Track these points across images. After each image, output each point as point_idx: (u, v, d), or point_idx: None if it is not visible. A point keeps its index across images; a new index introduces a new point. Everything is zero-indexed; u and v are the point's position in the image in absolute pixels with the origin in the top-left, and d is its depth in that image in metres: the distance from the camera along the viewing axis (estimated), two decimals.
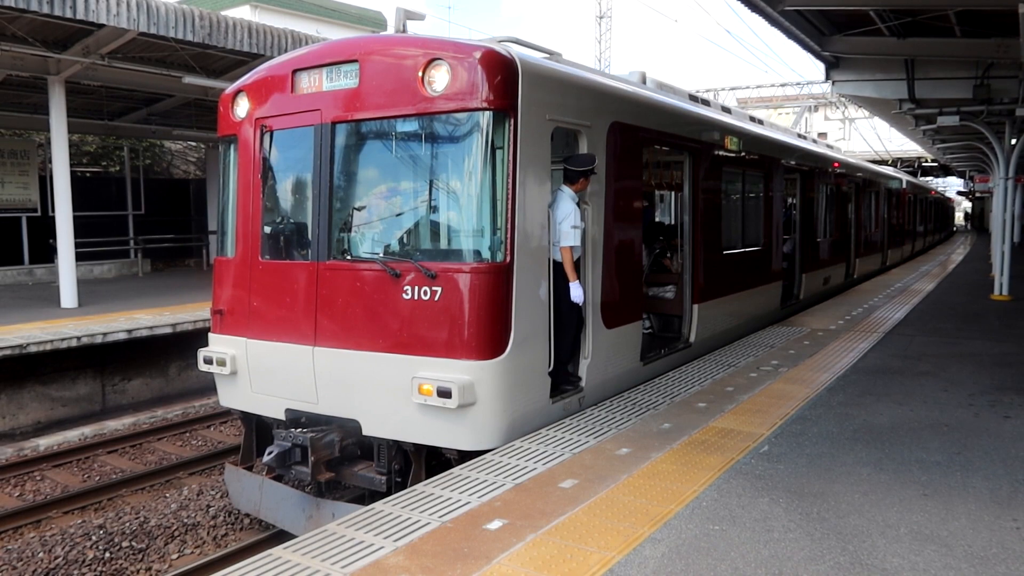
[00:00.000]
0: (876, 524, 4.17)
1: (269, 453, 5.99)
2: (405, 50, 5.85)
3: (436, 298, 5.52)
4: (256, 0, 36.03)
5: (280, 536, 6.53)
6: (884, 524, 4.17)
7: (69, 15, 10.66)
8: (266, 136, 6.50)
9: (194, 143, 25.93)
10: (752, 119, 12.07)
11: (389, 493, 5.57)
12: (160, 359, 12.57)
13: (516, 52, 5.80)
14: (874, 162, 30.94)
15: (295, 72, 6.36)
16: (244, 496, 6.81)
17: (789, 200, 13.67)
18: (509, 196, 5.54)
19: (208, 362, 6.80)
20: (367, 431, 5.93)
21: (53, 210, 14.09)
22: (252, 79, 6.81)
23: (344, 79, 6.07)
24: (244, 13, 31.18)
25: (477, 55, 5.52)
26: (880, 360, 8.51)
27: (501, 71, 5.55)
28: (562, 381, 6.40)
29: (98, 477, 9.07)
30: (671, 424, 6.01)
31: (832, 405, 6.62)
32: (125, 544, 7.09)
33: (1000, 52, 12.06)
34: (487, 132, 5.55)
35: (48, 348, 10.47)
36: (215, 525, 7.51)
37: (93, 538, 7.14)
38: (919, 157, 45.80)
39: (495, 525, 4.17)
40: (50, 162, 14.65)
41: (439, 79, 5.58)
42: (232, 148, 6.92)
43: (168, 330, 11.89)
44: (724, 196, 9.60)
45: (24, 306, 13.76)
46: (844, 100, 31.10)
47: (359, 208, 6.17)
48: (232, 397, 6.86)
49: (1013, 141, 16.02)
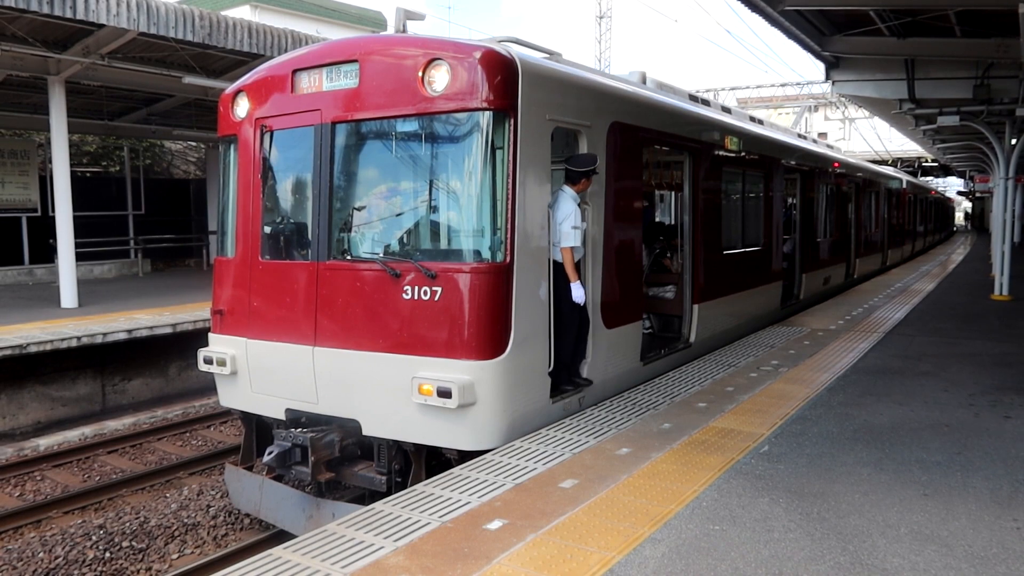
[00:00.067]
0: (876, 524, 4.17)
1: (269, 453, 5.99)
2: (405, 50, 5.85)
3: (436, 298, 5.52)
4: (256, 0, 36.03)
5: (280, 536, 6.53)
6: (884, 524, 4.17)
7: (69, 15, 10.66)
8: (266, 136, 6.50)
9: (194, 143, 25.94)
10: (752, 119, 12.07)
11: (389, 493, 5.57)
12: (160, 359, 12.57)
13: (516, 52, 5.80)
14: (874, 162, 30.93)
15: (295, 72, 6.37)
16: (244, 496, 6.81)
17: (789, 200, 13.67)
18: (509, 196, 5.54)
19: (208, 362, 6.81)
20: (367, 431, 5.93)
21: (53, 210, 14.09)
22: (252, 79, 6.81)
23: (344, 79, 6.07)
24: (244, 13, 31.18)
25: (477, 55, 5.52)
26: (880, 360, 8.51)
27: (501, 71, 5.55)
28: (568, 382, 6.40)
29: (98, 477, 9.07)
30: (671, 424, 6.01)
31: (832, 405, 6.62)
32: (125, 544, 7.09)
33: (1000, 52, 12.06)
34: (487, 132, 5.55)
35: (48, 348, 10.47)
36: (215, 525, 7.51)
37: (93, 538, 7.14)
38: (919, 157, 45.80)
39: (495, 525, 4.17)
40: (50, 162, 14.65)
41: (439, 79, 5.58)
42: (232, 148, 6.92)
43: (168, 330, 11.90)
44: (724, 196, 9.60)
45: (24, 306, 13.76)
46: (844, 100, 31.09)
47: (359, 208, 6.17)
48: (232, 397, 6.87)
49: (1013, 141, 16.02)
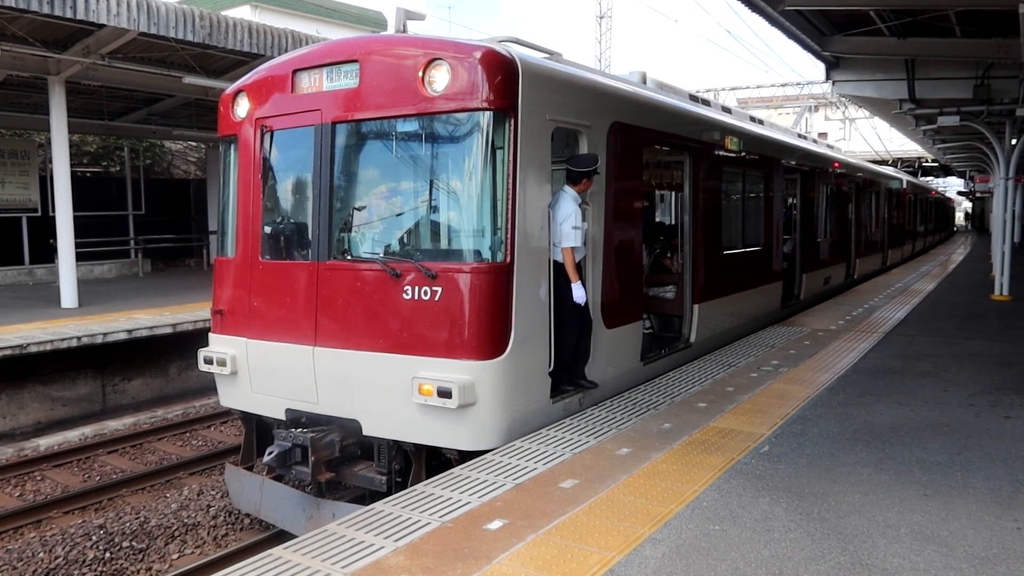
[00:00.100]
0: (877, 524, 4.17)
1: (269, 453, 5.99)
2: (405, 50, 5.85)
3: (436, 298, 5.52)
4: (256, 0, 36.03)
5: (280, 536, 6.52)
6: (885, 524, 4.17)
7: (69, 15, 10.66)
8: (266, 136, 6.50)
9: (194, 143, 25.94)
10: (752, 119, 12.06)
11: (389, 493, 5.56)
12: (160, 359, 12.58)
13: (516, 52, 5.80)
14: (874, 162, 30.92)
15: (295, 72, 6.36)
16: (244, 496, 6.81)
17: (789, 200, 13.67)
18: (509, 196, 5.54)
19: (208, 362, 6.81)
20: (367, 431, 5.93)
21: (53, 210, 14.09)
22: (252, 79, 6.80)
23: (344, 79, 6.07)
24: (244, 13, 31.18)
25: (477, 55, 5.51)
26: (880, 360, 8.51)
27: (501, 71, 5.54)
28: (568, 382, 6.39)
29: (98, 477, 9.07)
30: (671, 424, 6.01)
31: (832, 405, 6.61)
32: (125, 544, 7.09)
33: (1000, 52, 12.06)
34: (487, 132, 5.55)
35: (48, 348, 10.47)
36: (215, 525, 7.50)
37: (93, 538, 7.14)
38: (919, 157, 45.78)
39: (495, 525, 4.17)
40: (50, 162, 14.65)
41: (439, 79, 5.58)
42: (232, 148, 6.92)
43: (168, 330, 11.90)
44: (724, 196, 9.60)
45: (24, 306, 13.76)
46: (844, 100, 31.08)
47: (359, 208, 6.17)
48: (232, 397, 6.87)
49: (1013, 141, 16.02)
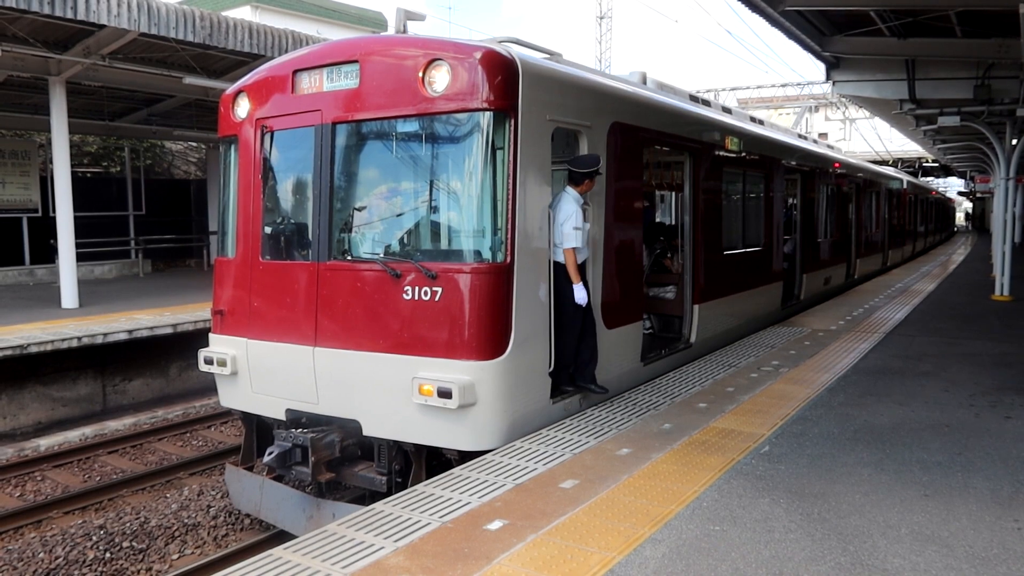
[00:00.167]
0: (877, 524, 4.17)
1: (270, 453, 5.99)
2: (405, 50, 5.85)
3: (436, 298, 5.52)
4: (256, 1, 36.04)
5: (280, 536, 6.52)
6: (885, 524, 4.17)
7: (70, 16, 10.66)
8: (267, 136, 6.50)
9: (195, 144, 25.94)
10: (753, 119, 12.06)
11: (389, 493, 5.56)
12: (161, 359, 12.58)
13: (516, 52, 5.80)
14: (875, 162, 30.93)
15: (296, 72, 6.37)
16: (244, 496, 6.81)
17: (790, 200, 13.66)
18: (509, 196, 5.54)
19: (209, 362, 6.81)
20: (367, 431, 5.93)
21: (54, 210, 14.09)
22: (253, 80, 6.81)
23: (344, 79, 6.07)
24: (244, 14, 31.23)
25: (477, 55, 5.51)
26: (881, 360, 8.51)
27: (501, 71, 5.54)
28: (568, 382, 6.38)
29: (99, 477, 9.07)
30: (672, 424, 6.00)
31: (833, 405, 6.61)
32: (126, 544, 7.09)
33: (1001, 52, 12.06)
34: (487, 132, 5.55)
35: (49, 348, 10.47)
36: (216, 525, 7.50)
37: (94, 538, 7.14)
38: (920, 157, 45.77)
39: (496, 525, 4.17)
40: (51, 163, 14.65)
41: (439, 79, 5.58)
42: (233, 148, 6.92)
43: (169, 330, 11.90)
44: (725, 196, 9.59)
45: (25, 306, 13.76)
46: (845, 100, 31.07)
47: (360, 208, 6.17)
48: (232, 397, 6.87)
49: (1014, 141, 16.02)
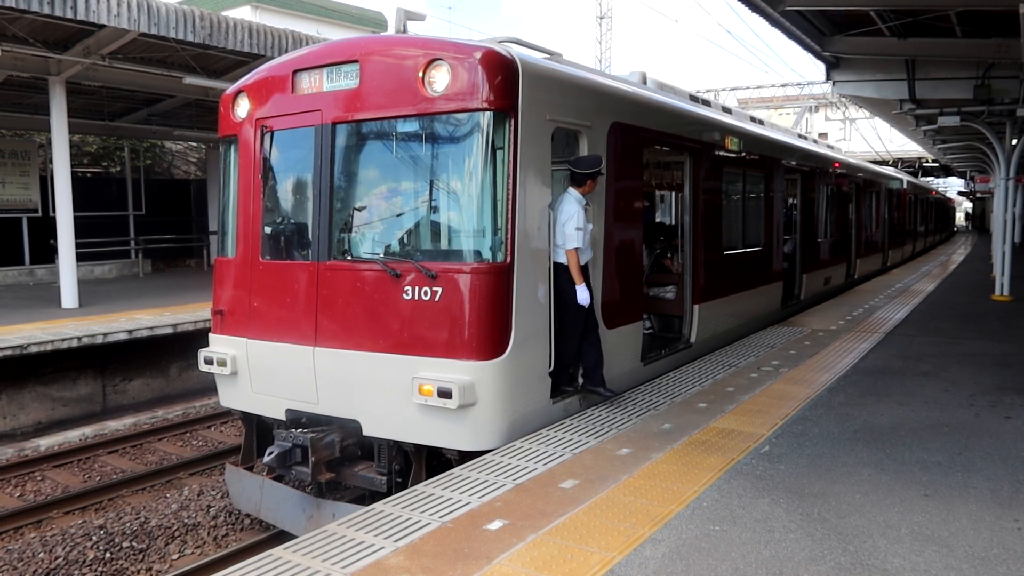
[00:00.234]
0: (877, 524, 4.17)
1: (270, 453, 5.99)
2: (405, 50, 5.85)
3: (436, 298, 5.52)
4: (256, 0, 36.04)
5: (280, 536, 6.52)
6: (885, 524, 4.17)
7: (70, 16, 10.67)
8: (267, 136, 6.50)
9: (195, 143, 25.94)
10: (753, 119, 12.06)
11: (389, 493, 5.56)
12: (161, 359, 12.58)
13: (516, 52, 5.80)
14: (875, 162, 30.94)
15: (295, 72, 6.36)
16: (244, 496, 6.81)
17: (790, 200, 13.66)
18: (509, 197, 5.54)
19: (209, 362, 6.81)
20: (367, 431, 5.93)
21: (54, 210, 14.09)
22: (253, 79, 6.81)
23: (344, 79, 6.07)
24: (244, 14, 31.21)
25: (477, 55, 5.51)
26: (881, 360, 8.51)
27: (502, 71, 5.54)
28: (568, 382, 6.38)
29: (99, 477, 9.07)
30: (672, 424, 6.00)
31: (833, 405, 6.61)
32: (126, 544, 7.09)
33: (1001, 52, 12.05)
34: (487, 132, 5.54)
35: (49, 348, 10.47)
36: (216, 525, 7.50)
37: (94, 538, 7.14)
38: (920, 157, 45.78)
39: (496, 525, 4.17)
40: (51, 162, 14.65)
41: (439, 79, 5.58)
42: (233, 148, 6.92)
43: (169, 330, 11.90)
44: (725, 196, 9.59)
45: (25, 306, 13.76)
46: (845, 100, 31.07)
47: (359, 208, 6.17)
48: (232, 397, 6.87)
49: (1014, 141, 16.02)
